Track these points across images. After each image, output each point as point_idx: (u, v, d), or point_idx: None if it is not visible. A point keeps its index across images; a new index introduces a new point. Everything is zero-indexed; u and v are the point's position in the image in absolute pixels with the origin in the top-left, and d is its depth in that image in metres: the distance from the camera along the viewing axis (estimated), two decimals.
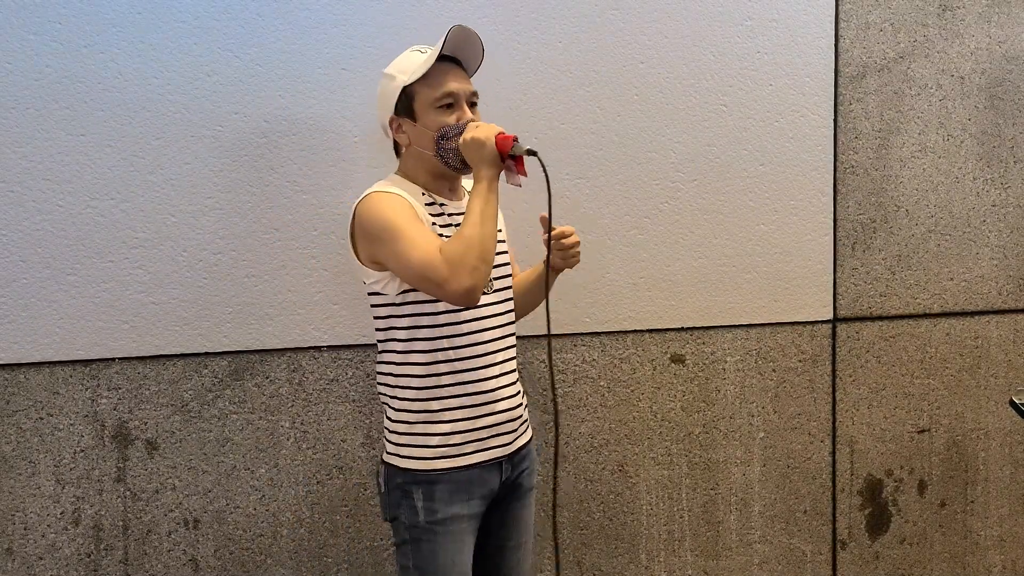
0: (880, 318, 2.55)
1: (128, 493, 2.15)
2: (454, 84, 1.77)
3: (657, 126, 2.35)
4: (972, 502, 2.64)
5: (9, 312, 2.05)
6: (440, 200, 1.81)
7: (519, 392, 1.87)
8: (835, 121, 2.46)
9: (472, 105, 1.81)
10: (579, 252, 1.88)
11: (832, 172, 2.47)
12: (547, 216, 1.80)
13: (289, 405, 2.20)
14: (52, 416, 2.10)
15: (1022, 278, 2.62)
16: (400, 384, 1.79)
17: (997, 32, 2.53)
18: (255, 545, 2.22)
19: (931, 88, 2.51)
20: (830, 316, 2.51)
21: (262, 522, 2.22)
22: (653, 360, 2.41)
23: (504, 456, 1.83)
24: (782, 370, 2.49)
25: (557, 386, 2.35)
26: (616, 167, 2.33)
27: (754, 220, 2.43)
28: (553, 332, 2.32)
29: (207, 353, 2.16)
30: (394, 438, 1.81)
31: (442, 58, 1.77)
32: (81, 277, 2.08)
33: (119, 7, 2.05)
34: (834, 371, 2.53)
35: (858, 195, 2.49)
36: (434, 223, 1.77)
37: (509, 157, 1.72)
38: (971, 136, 2.55)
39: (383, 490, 1.83)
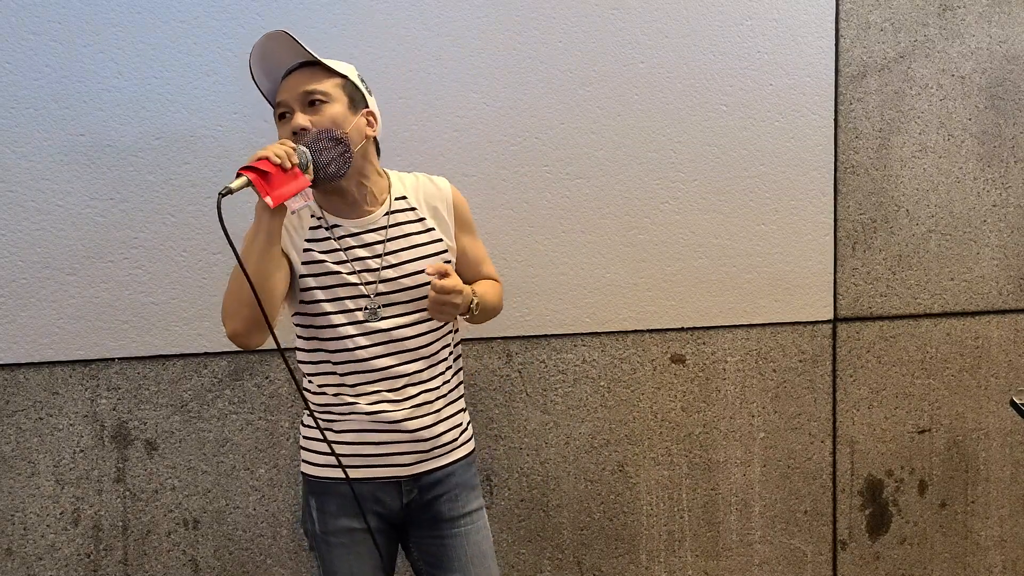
0: (880, 318, 2.54)
1: (128, 493, 2.15)
2: (282, 94, 1.69)
3: (657, 126, 2.35)
4: (973, 502, 2.64)
5: (9, 312, 2.05)
6: (334, 221, 1.72)
7: (435, 411, 1.77)
8: (835, 121, 2.46)
9: (313, 104, 1.66)
10: (449, 304, 1.67)
11: (832, 172, 2.47)
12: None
13: (289, 405, 2.20)
14: (51, 416, 2.10)
15: (1022, 278, 2.62)
16: (303, 395, 1.73)
17: (997, 32, 2.53)
18: (255, 545, 2.22)
19: (931, 88, 2.51)
20: (830, 316, 2.51)
21: (262, 522, 2.21)
22: (653, 360, 2.41)
23: (402, 476, 1.75)
24: (782, 370, 2.49)
25: (557, 386, 2.35)
26: (616, 167, 2.33)
27: (754, 220, 2.43)
28: (553, 332, 2.33)
29: (207, 353, 2.15)
30: (301, 442, 1.83)
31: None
32: (81, 277, 2.08)
33: (119, 7, 2.05)
34: (834, 371, 2.53)
35: (858, 195, 2.49)
36: (310, 249, 1.70)
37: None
38: (971, 136, 2.54)
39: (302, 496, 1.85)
